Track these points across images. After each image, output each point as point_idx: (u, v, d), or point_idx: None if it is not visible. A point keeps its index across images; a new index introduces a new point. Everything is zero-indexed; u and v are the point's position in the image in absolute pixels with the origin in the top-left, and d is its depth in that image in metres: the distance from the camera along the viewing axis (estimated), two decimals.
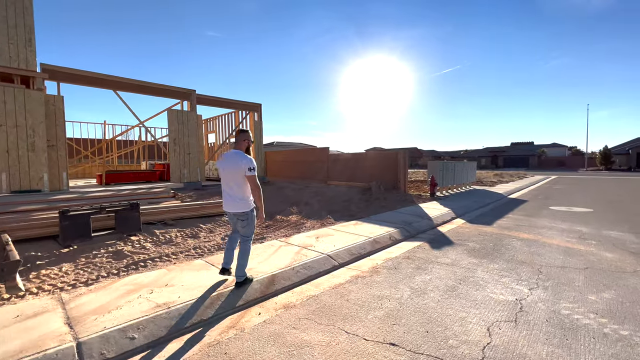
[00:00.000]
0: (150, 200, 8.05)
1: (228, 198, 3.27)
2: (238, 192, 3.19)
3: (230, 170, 3.17)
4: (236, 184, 3.18)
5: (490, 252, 4.74)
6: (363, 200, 10.39)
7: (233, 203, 3.23)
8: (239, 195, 3.20)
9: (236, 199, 3.21)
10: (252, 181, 3.16)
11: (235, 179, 3.17)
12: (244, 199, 3.21)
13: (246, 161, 3.12)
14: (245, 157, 3.16)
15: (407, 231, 6.19)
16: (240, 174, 3.14)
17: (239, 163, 3.12)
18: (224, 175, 3.27)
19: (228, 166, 3.19)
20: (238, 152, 3.21)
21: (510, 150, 63.92)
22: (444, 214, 8.04)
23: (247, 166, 3.10)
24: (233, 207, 3.25)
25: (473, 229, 6.46)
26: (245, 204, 3.23)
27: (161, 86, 10.98)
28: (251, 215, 3.32)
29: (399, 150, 12.67)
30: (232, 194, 3.22)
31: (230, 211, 3.31)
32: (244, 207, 3.23)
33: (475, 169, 16.80)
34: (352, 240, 5.28)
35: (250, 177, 3.14)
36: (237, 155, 3.18)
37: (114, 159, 21.43)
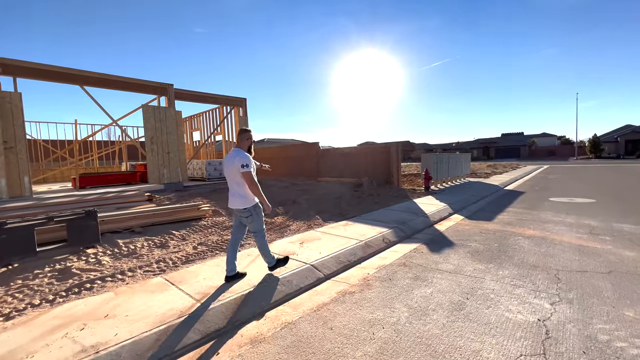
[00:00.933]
0: (120, 205, 7.31)
1: (231, 195, 3.32)
2: (238, 189, 3.24)
3: (229, 168, 3.25)
4: (235, 182, 3.24)
5: (497, 255, 4.18)
6: (355, 197, 9.80)
7: (234, 200, 3.29)
8: (239, 192, 3.25)
9: (237, 195, 3.26)
10: (246, 177, 3.16)
11: (233, 176, 3.22)
12: (243, 195, 3.25)
13: (239, 157, 3.14)
14: (240, 153, 3.20)
15: (402, 231, 5.61)
16: (236, 171, 3.17)
17: (233, 160, 3.17)
18: (226, 174, 3.34)
19: (227, 164, 3.26)
20: (236, 150, 3.27)
21: (502, 141, 64.13)
22: (440, 209, 7.49)
23: (240, 163, 3.12)
24: (235, 203, 3.30)
25: (473, 226, 5.91)
26: (246, 200, 3.26)
27: (134, 80, 10.12)
28: (255, 210, 3.33)
29: (392, 144, 12.09)
30: (233, 191, 3.29)
31: (233, 208, 3.35)
32: (244, 203, 3.26)
33: (469, 161, 16.36)
34: (341, 244, 4.68)
35: (244, 174, 3.15)
36: (234, 153, 3.23)
37: (94, 160, 20.42)
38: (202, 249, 4.80)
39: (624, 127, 51.04)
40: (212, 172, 13.83)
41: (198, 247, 4.93)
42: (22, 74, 8.32)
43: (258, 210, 3.36)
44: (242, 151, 3.27)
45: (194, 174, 14.72)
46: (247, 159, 3.18)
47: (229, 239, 5.45)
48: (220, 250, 4.70)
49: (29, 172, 8.41)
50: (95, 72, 9.28)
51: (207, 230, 6.13)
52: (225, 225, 6.47)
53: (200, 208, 7.03)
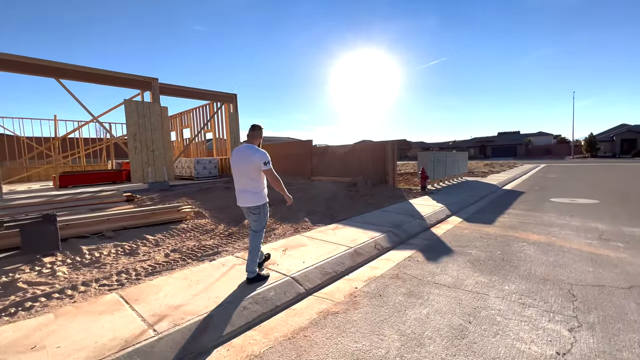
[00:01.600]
0: (95, 206, 6.80)
1: (241, 193, 3.23)
2: (251, 186, 3.16)
3: (243, 164, 3.14)
4: (250, 178, 3.14)
5: (501, 265, 3.75)
6: (348, 198, 9.35)
7: (246, 197, 3.20)
8: (253, 189, 3.17)
9: (249, 193, 3.17)
10: (270, 174, 3.15)
11: (248, 173, 3.13)
12: (257, 192, 3.19)
13: (260, 155, 3.09)
14: (258, 150, 3.13)
15: (396, 236, 5.17)
16: (254, 168, 3.11)
17: (252, 157, 3.09)
18: (237, 170, 3.21)
19: (242, 160, 3.15)
20: (250, 146, 3.17)
21: (498, 140, 64.05)
22: (437, 211, 7.07)
23: (262, 160, 3.08)
24: (246, 201, 3.21)
25: (473, 230, 5.48)
26: (259, 197, 3.20)
27: (114, 74, 9.54)
28: (263, 209, 3.28)
29: (387, 142, 11.66)
30: (245, 188, 3.19)
31: (243, 206, 3.28)
32: (257, 200, 3.19)
33: (466, 160, 15.98)
34: (328, 252, 4.22)
35: (267, 171, 3.13)
36: (251, 149, 3.13)
37: (82, 158, 19.77)
38: (174, 257, 4.32)
39: (619, 126, 51.11)
40: (200, 170, 13.30)
41: (170, 255, 4.45)
42: None
43: (265, 210, 3.32)
44: (258, 148, 3.20)
45: (183, 173, 14.18)
46: (267, 156, 3.15)
47: (207, 244, 4.99)
48: (194, 258, 4.23)
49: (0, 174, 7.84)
50: (71, 64, 8.70)
51: (186, 234, 5.65)
52: (207, 228, 6.00)
53: (180, 210, 6.54)
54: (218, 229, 5.93)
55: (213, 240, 5.16)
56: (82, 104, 9.67)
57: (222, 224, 6.39)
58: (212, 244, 4.95)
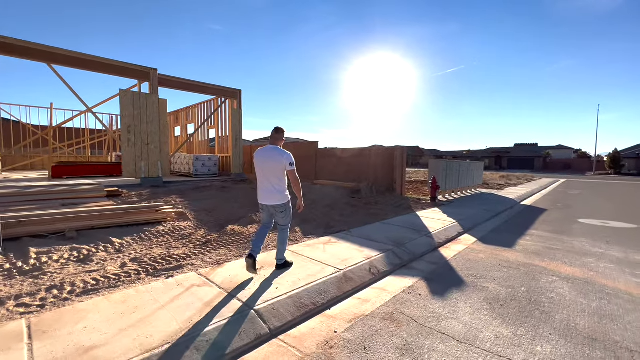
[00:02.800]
0: (69, 201, 6.24)
1: (266, 191, 3.35)
2: (277, 186, 3.31)
3: (271, 163, 3.27)
4: (276, 178, 3.30)
5: (527, 309, 2.91)
6: (349, 206, 8.56)
7: (271, 196, 3.33)
8: (278, 189, 3.32)
9: (275, 191, 3.31)
10: (293, 175, 3.29)
11: (275, 173, 3.28)
12: (282, 191, 3.34)
13: (286, 156, 3.25)
14: (285, 152, 3.28)
15: (397, 256, 4.37)
16: (280, 168, 3.27)
17: (279, 158, 3.24)
18: (263, 170, 3.34)
19: (268, 160, 3.29)
20: (277, 148, 3.33)
21: (515, 151, 61.92)
22: (447, 227, 6.21)
23: (288, 161, 3.24)
24: (271, 199, 3.34)
25: (490, 255, 4.63)
26: (283, 196, 3.35)
27: (110, 62, 9.06)
28: (288, 206, 3.44)
29: (397, 147, 10.82)
30: (270, 187, 3.32)
31: (268, 204, 3.39)
32: (283, 199, 3.35)
33: (482, 170, 14.96)
34: (311, 274, 3.47)
35: (291, 172, 3.28)
36: (277, 151, 3.29)
37: (86, 149, 19.63)
38: (129, 269, 3.64)
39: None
40: (199, 167, 12.75)
41: (127, 265, 3.77)
42: None
43: (290, 206, 3.46)
44: (283, 149, 3.35)
45: (182, 169, 13.68)
46: (292, 158, 3.29)
47: (175, 254, 4.31)
48: (150, 272, 3.54)
49: None
50: (63, 49, 8.25)
51: (158, 239, 4.99)
52: (184, 233, 5.33)
53: (159, 210, 5.90)
54: (196, 235, 5.26)
55: (184, 249, 4.47)
56: (75, 93, 9.23)
57: (204, 228, 5.71)
58: (180, 253, 4.26)
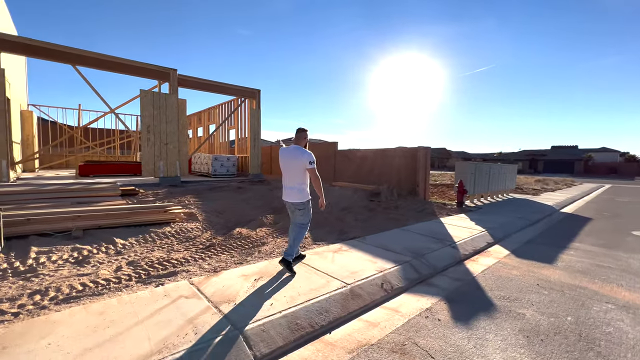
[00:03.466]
0: (83, 199, 6.27)
1: (288, 189, 3.49)
2: (298, 184, 3.42)
3: (292, 163, 3.41)
4: (297, 176, 3.41)
5: (577, 348, 2.32)
6: (367, 210, 8.07)
7: (293, 194, 3.44)
8: (299, 187, 3.42)
9: (296, 189, 3.43)
10: (313, 173, 3.40)
11: (296, 171, 3.41)
12: (303, 190, 3.44)
13: (307, 155, 3.36)
14: (306, 152, 3.40)
15: (415, 270, 3.86)
16: (301, 167, 3.38)
17: (300, 157, 3.36)
18: (285, 168, 3.50)
19: (290, 159, 3.43)
20: (299, 147, 3.46)
21: (552, 153, 57.92)
22: (475, 236, 5.57)
23: (308, 160, 3.35)
24: (292, 197, 3.45)
25: (525, 271, 3.99)
26: (304, 194, 3.45)
27: (132, 63, 9.21)
28: (308, 205, 3.51)
29: (420, 148, 10.17)
30: (292, 185, 3.45)
31: (289, 201, 3.51)
32: (303, 197, 3.44)
33: (515, 174, 13.83)
34: (314, 288, 3.07)
35: (311, 170, 3.39)
36: (299, 150, 3.41)
37: (116, 149, 20.50)
38: (124, 274, 3.43)
39: None
40: (218, 167, 12.76)
41: (121, 270, 3.57)
42: (6, 49, 7.67)
43: (309, 205, 3.54)
44: (304, 149, 3.46)
45: (201, 169, 13.78)
46: (313, 157, 3.39)
47: (174, 258, 4.08)
48: (142, 279, 3.30)
49: (8, 155, 7.71)
50: (88, 50, 8.47)
51: (162, 241, 4.81)
52: (190, 235, 5.13)
53: (167, 210, 5.75)
54: (201, 237, 5.03)
55: (185, 253, 4.23)
56: (99, 95, 9.47)
57: (211, 230, 5.50)
58: (180, 257, 4.02)
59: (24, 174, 12.71)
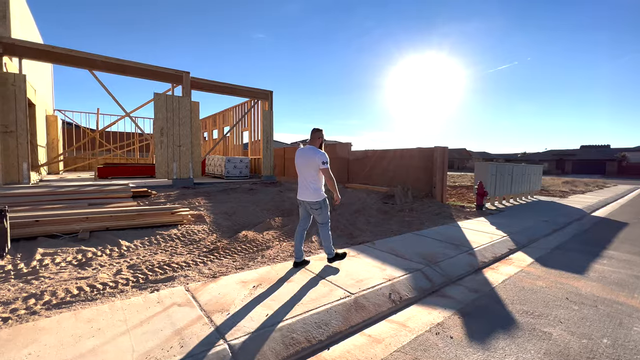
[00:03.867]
0: (96, 201, 6.36)
1: (302, 188, 3.57)
2: (312, 183, 3.48)
3: (306, 163, 3.49)
4: (311, 176, 3.47)
5: None
6: (380, 212, 7.77)
7: (307, 193, 3.51)
8: (313, 186, 3.48)
9: (310, 189, 3.49)
10: (326, 173, 3.44)
11: (310, 171, 3.47)
12: (317, 189, 3.49)
13: (320, 155, 3.42)
14: (319, 151, 3.47)
15: (427, 279, 3.57)
16: (314, 167, 3.44)
17: (313, 157, 3.43)
18: (300, 168, 3.57)
19: (304, 160, 3.51)
20: (312, 147, 3.54)
21: (581, 153, 54.89)
22: (495, 242, 5.18)
23: (321, 160, 3.40)
24: (307, 196, 3.52)
25: (552, 283, 3.60)
26: (318, 194, 3.49)
27: (144, 66, 9.38)
28: (324, 204, 3.54)
29: (436, 148, 9.75)
30: (306, 184, 3.51)
31: (303, 199, 3.57)
32: (317, 196, 3.49)
33: (540, 174, 13.06)
34: (314, 297, 2.86)
35: (323, 170, 3.43)
36: (312, 150, 3.49)
37: (135, 151, 21.13)
38: (122, 277, 3.35)
39: None
40: (231, 169, 12.80)
41: (121, 273, 3.50)
42: (27, 55, 7.97)
43: (326, 204, 3.57)
44: (319, 149, 3.51)
45: (215, 171, 13.88)
46: (326, 157, 3.44)
47: (175, 261, 3.99)
48: (140, 283, 3.20)
49: (29, 158, 7.99)
50: (103, 55, 8.68)
51: (167, 243, 4.75)
52: (195, 238, 5.04)
53: (175, 212, 5.71)
54: (206, 240, 4.94)
55: (188, 257, 4.13)
56: (115, 99, 9.70)
57: (217, 233, 5.40)
58: (181, 261, 3.92)
59: (49, 176, 13.24)
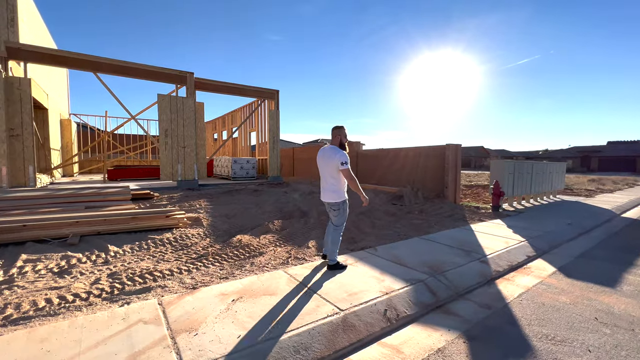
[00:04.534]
0: (93, 204, 6.27)
1: (323, 189, 3.53)
2: (332, 184, 3.40)
3: (325, 163, 3.41)
4: (330, 176, 3.39)
5: None
6: (387, 214, 7.35)
7: (327, 194, 3.46)
8: (332, 187, 3.40)
9: (329, 190, 3.42)
10: (346, 174, 3.33)
11: (329, 171, 3.38)
12: (336, 190, 3.40)
13: (339, 155, 3.30)
14: (339, 151, 3.35)
15: (430, 292, 3.17)
16: (334, 167, 3.33)
17: (333, 157, 3.32)
18: (321, 169, 3.52)
19: (324, 160, 3.43)
20: (333, 147, 3.42)
21: (608, 150, 52.00)
22: (512, 247, 4.69)
23: (340, 160, 3.28)
24: (327, 197, 3.46)
25: (578, 298, 3.12)
26: (338, 195, 3.40)
27: (148, 67, 9.33)
28: (342, 206, 3.46)
29: (448, 145, 9.21)
30: (326, 186, 3.46)
31: (324, 200, 3.53)
32: (336, 198, 3.41)
33: (563, 172, 12.22)
34: (297, 313, 2.53)
35: (343, 171, 3.31)
36: (332, 150, 3.38)
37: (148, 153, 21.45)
38: (98, 288, 3.13)
39: None
40: (237, 170, 12.65)
41: (98, 282, 3.29)
42: (32, 59, 8.05)
43: (345, 207, 3.49)
44: (339, 148, 3.39)
45: (222, 172, 13.79)
46: (346, 157, 3.31)
47: (159, 269, 3.75)
48: (113, 296, 2.97)
49: (35, 160, 8.05)
50: (107, 58, 8.68)
51: (158, 248, 4.54)
52: (189, 242, 4.82)
53: (170, 216, 5.52)
54: (198, 245, 4.70)
55: (174, 263, 3.90)
56: (119, 101, 9.71)
57: (211, 237, 5.16)
58: (165, 269, 3.68)
59: (63, 179, 13.50)
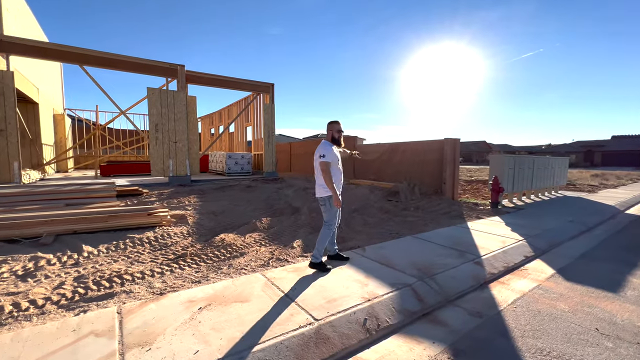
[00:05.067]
0: (76, 201, 6.05)
1: (315, 184, 3.50)
2: (318, 179, 3.41)
3: (314, 158, 3.40)
4: (317, 170, 3.39)
5: None
6: (381, 211, 7.10)
7: (317, 188, 3.45)
8: (319, 182, 3.40)
9: (318, 184, 3.43)
10: (322, 166, 3.27)
11: (315, 165, 3.39)
12: (321, 184, 3.38)
13: (319, 149, 3.34)
14: (322, 144, 3.39)
15: (417, 297, 2.92)
16: (316, 161, 3.33)
17: (316, 151, 3.37)
18: (314, 163, 3.47)
19: (315, 154, 3.40)
20: (324, 142, 3.45)
21: (612, 144, 51.31)
22: (509, 247, 4.43)
23: (319, 153, 3.31)
24: (316, 192, 3.46)
25: (577, 304, 2.87)
26: (324, 189, 3.35)
27: (136, 60, 9.03)
28: (328, 201, 3.37)
29: (446, 140, 8.91)
30: (316, 180, 3.48)
31: (315, 195, 3.52)
32: (321, 192, 3.38)
33: (566, 167, 11.91)
34: (267, 324, 2.29)
35: (321, 163, 3.27)
36: (320, 145, 3.42)
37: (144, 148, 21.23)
38: (59, 293, 2.92)
39: None
40: (232, 165, 12.41)
41: (62, 287, 3.07)
42: (15, 52, 7.77)
43: (332, 202, 3.36)
44: (327, 142, 3.45)
45: (217, 167, 13.56)
46: (326, 150, 3.31)
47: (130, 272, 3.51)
48: (72, 303, 2.75)
49: (19, 157, 7.83)
50: (94, 50, 8.40)
51: (135, 248, 4.32)
52: (169, 241, 4.61)
53: (152, 213, 5.30)
54: (178, 245, 4.48)
55: (148, 265, 3.68)
56: (108, 96, 9.45)
57: (195, 236, 4.94)
58: (136, 271, 3.45)
59: (57, 175, 13.31)
